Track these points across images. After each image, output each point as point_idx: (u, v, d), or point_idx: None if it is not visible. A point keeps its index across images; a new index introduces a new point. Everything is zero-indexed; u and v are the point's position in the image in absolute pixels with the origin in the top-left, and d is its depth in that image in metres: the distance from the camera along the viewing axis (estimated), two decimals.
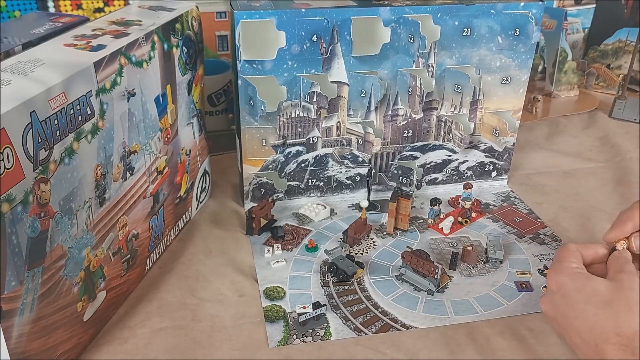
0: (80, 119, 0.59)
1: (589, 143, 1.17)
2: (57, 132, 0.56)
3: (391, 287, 0.78)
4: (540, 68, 1.43)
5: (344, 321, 0.72)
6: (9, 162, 0.50)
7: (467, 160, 1.00)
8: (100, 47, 0.64)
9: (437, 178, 1.00)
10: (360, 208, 0.90)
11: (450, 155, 0.98)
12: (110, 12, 0.95)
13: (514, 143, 1.00)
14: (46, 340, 0.60)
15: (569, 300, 0.62)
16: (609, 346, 0.58)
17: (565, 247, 0.68)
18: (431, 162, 0.98)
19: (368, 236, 0.88)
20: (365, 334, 0.70)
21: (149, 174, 0.76)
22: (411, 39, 0.87)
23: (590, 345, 0.59)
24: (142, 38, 0.70)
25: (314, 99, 0.88)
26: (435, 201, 0.90)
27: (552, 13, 1.32)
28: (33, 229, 0.54)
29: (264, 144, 0.90)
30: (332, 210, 0.94)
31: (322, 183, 0.96)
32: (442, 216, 0.92)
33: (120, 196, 0.70)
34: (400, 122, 0.93)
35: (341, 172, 0.95)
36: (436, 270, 0.75)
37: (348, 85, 0.88)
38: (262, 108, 0.86)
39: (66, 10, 1.10)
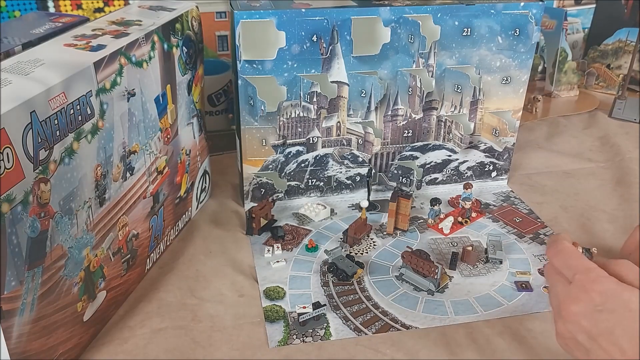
0: (80, 119, 0.59)
1: (589, 143, 1.17)
2: (57, 132, 0.56)
3: (391, 287, 0.78)
4: (540, 68, 1.43)
5: (344, 321, 0.72)
6: (9, 162, 0.50)
7: (467, 160, 1.00)
8: (100, 47, 0.64)
9: (437, 178, 1.00)
10: (360, 208, 0.90)
11: (450, 155, 0.98)
12: (110, 12, 0.95)
13: (514, 143, 1.00)
14: (46, 340, 0.60)
15: (618, 314, 0.52)
16: None
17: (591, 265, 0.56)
18: (431, 162, 0.98)
19: (368, 236, 0.88)
20: (365, 334, 0.70)
21: (149, 174, 0.76)
22: (411, 39, 0.87)
23: None
24: (142, 38, 0.70)
25: (314, 99, 0.88)
26: (435, 201, 0.90)
27: (552, 13, 1.32)
28: (33, 229, 0.54)
29: (264, 144, 0.90)
30: (332, 210, 0.94)
31: (322, 183, 0.96)
32: (442, 216, 0.92)
33: (120, 196, 0.70)
34: (400, 122, 0.93)
35: (341, 172, 0.95)
36: (436, 270, 0.75)
37: (348, 85, 0.88)
38: (262, 108, 0.86)
39: (66, 10, 1.10)
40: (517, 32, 0.89)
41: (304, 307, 0.72)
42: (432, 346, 0.68)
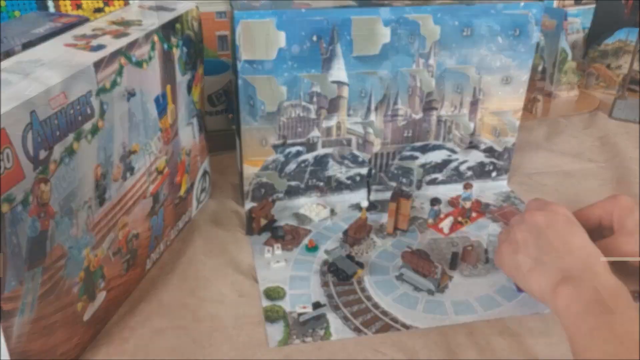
0: (80, 119, 0.59)
1: (589, 143, 1.17)
2: (57, 132, 0.56)
3: (391, 287, 0.78)
4: (540, 68, 1.43)
5: (344, 321, 0.72)
6: (9, 162, 0.50)
7: (467, 160, 1.00)
8: (100, 47, 0.64)
9: (437, 178, 1.00)
10: (360, 208, 0.90)
11: (450, 155, 0.98)
12: (110, 12, 0.95)
13: (514, 143, 1.00)
14: (46, 340, 0.60)
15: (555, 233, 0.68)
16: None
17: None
18: (431, 162, 0.98)
19: (368, 236, 0.88)
20: (365, 334, 0.70)
21: (149, 174, 0.76)
22: (411, 39, 0.87)
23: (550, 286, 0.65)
24: (142, 38, 0.70)
25: (314, 99, 0.88)
26: (435, 201, 0.90)
27: (552, 13, 1.32)
28: (33, 229, 0.54)
29: (264, 144, 0.90)
30: (332, 210, 0.94)
31: (322, 183, 0.96)
32: (442, 216, 0.92)
33: (120, 196, 0.70)
34: (400, 122, 0.93)
35: (341, 172, 0.95)
36: (436, 270, 0.75)
37: (348, 85, 0.88)
38: (262, 108, 0.86)
39: (66, 10, 1.10)
40: (517, 32, 0.89)
41: (304, 307, 0.72)
42: (432, 346, 0.68)
